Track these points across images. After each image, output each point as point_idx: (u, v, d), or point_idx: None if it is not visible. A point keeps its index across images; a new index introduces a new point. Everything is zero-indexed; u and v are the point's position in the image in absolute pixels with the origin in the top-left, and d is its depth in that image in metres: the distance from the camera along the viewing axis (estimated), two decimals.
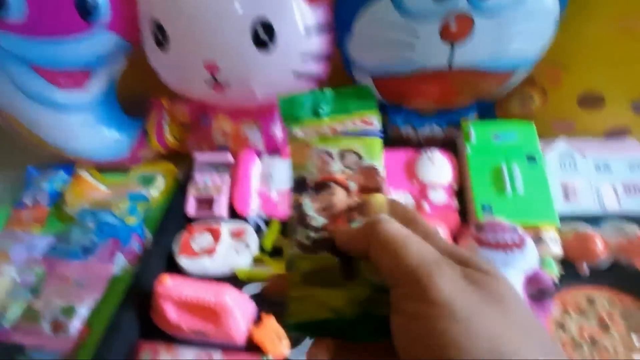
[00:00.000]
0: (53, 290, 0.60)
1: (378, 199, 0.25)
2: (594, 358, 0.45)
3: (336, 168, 0.26)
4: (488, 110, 0.67)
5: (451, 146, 0.65)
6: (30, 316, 0.57)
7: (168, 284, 0.52)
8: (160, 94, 0.74)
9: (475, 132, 0.61)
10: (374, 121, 0.27)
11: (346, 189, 0.25)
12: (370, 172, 0.26)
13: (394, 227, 0.20)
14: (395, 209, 0.23)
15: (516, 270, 0.50)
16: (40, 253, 0.65)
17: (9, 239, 0.67)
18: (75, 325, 0.55)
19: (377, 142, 0.27)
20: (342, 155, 0.26)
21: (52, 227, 0.70)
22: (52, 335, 0.55)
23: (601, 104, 0.59)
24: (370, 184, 0.26)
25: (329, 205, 0.25)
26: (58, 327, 0.55)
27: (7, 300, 0.60)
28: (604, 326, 0.48)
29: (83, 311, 0.56)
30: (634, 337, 0.46)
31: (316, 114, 0.27)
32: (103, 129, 0.71)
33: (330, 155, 0.26)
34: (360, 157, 0.26)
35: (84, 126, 0.69)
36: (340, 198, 0.25)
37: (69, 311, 0.56)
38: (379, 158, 0.27)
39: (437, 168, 0.61)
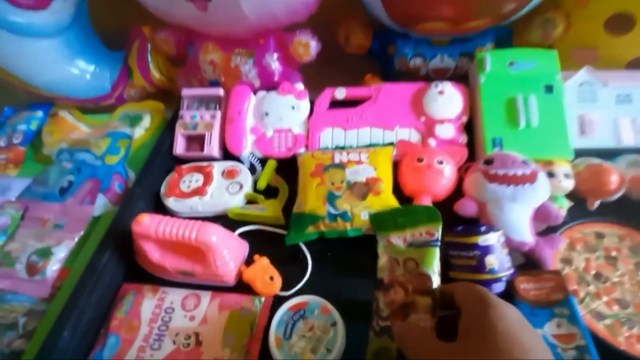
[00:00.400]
0: (29, 232, 0.56)
1: (426, 300, 0.34)
2: (599, 291, 0.42)
3: (399, 272, 0.37)
4: (505, 39, 0.60)
5: (463, 79, 0.59)
6: (4, 259, 0.53)
7: (145, 222, 0.47)
8: (142, 22, 0.67)
9: (491, 60, 0.55)
10: (435, 233, 0.38)
11: (405, 289, 0.35)
12: (422, 278, 0.35)
13: None
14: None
15: (524, 205, 0.45)
16: (15, 195, 0.61)
17: None
18: (53, 267, 0.51)
19: (433, 251, 0.37)
20: (405, 262, 0.37)
21: (29, 169, 0.65)
22: (27, 278, 0.51)
23: (630, 26, 0.53)
24: (422, 287, 0.35)
25: (391, 301, 0.35)
26: (34, 269, 0.51)
27: None
28: (611, 261, 0.45)
29: (61, 253, 0.52)
30: None
31: (396, 226, 0.39)
32: (78, 61, 0.65)
33: (397, 261, 0.37)
34: (417, 264, 0.36)
35: (54, 56, 0.62)
36: (400, 296, 0.35)
37: (45, 253, 0.52)
38: (432, 265, 0.36)
39: (446, 101, 0.55)
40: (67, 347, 0.43)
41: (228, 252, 0.47)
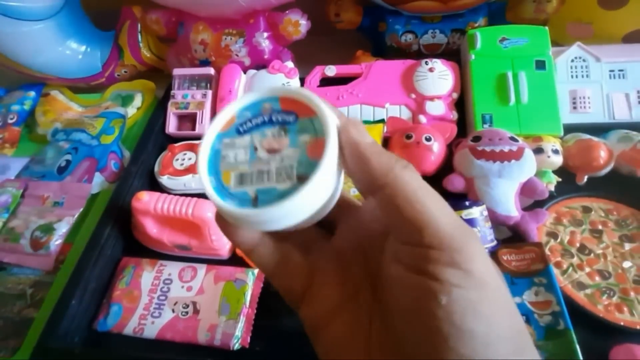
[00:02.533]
0: (30, 209, 0.57)
1: None
2: (582, 263, 0.43)
3: None
4: (498, 14, 0.60)
5: (455, 56, 0.59)
6: (8, 235, 0.55)
7: (144, 198, 0.49)
8: (132, 3, 0.66)
9: (482, 37, 0.55)
10: None
11: None
12: None
13: (422, 181, 0.18)
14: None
15: (510, 180, 0.47)
16: (14, 174, 0.62)
17: None
18: (55, 242, 0.53)
19: None
20: None
21: (25, 148, 0.66)
22: (32, 253, 0.53)
23: (625, 0, 0.52)
24: None
25: None
26: (38, 244, 0.53)
27: None
28: (596, 234, 0.46)
29: (62, 229, 0.54)
30: (626, 245, 0.44)
31: None
32: (70, 42, 0.65)
33: None
34: None
35: (47, 38, 0.62)
36: None
37: (48, 229, 0.54)
38: None
39: (437, 78, 0.55)
40: (74, 315, 0.46)
41: None
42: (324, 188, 0.19)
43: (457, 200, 0.45)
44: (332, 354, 0.20)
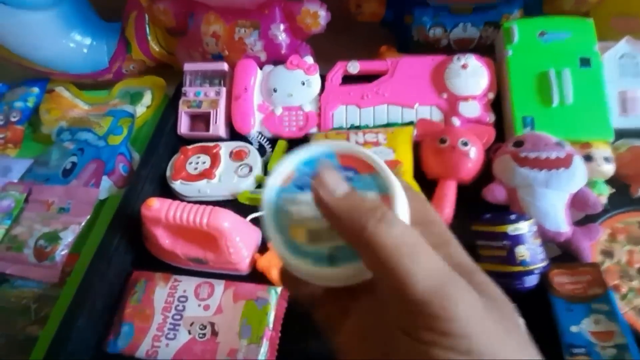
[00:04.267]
0: (34, 216, 0.54)
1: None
2: None
3: None
4: (534, 6, 0.55)
5: (488, 51, 0.54)
6: (11, 243, 0.52)
7: (155, 206, 0.45)
8: None
9: (519, 31, 0.50)
10: None
11: None
12: None
13: (399, 232, 0.17)
14: (414, 198, 0.20)
15: (559, 191, 0.42)
16: (17, 177, 0.58)
17: None
18: (61, 252, 0.50)
19: None
20: None
21: (28, 149, 0.63)
22: (36, 263, 0.50)
23: None
24: None
25: None
26: (43, 254, 0.50)
27: None
28: None
29: (68, 238, 0.51)
30: None
31: None
32: (74, 34, 0.61)
33: None
34: None
35: (50, 29, 0.58)
36: None
37: (53, 238, 0.51)
38: None
39: (471, 76, 0.51)
40: (81, 334, 0.43)
41: (241, 238, 0.45)
42: None
43: (502, 213, 0.41)
44: None
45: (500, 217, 0.40)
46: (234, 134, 0.57)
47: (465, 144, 0.46)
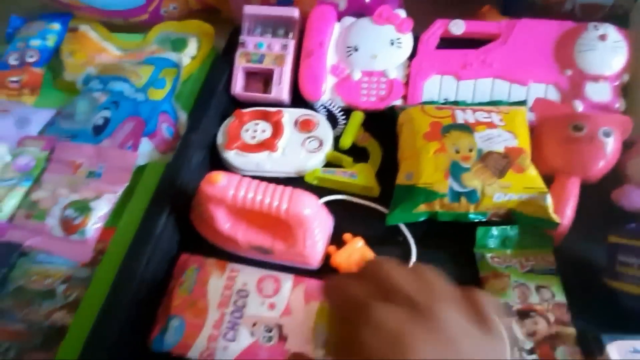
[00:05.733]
0: (58, 179, 0.45)
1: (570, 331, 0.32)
2: None
3: (535, 300, 0.35)
4: None
5: (621, 22, 0.44)
6: (31, 210, 0.43)
7: (221, 183, 0.36)
8: None
9: None
10: (552, 260, 0.37)
11: (546, 319, 0.34)
12: (562, 308, 0.34)
13: None
14: None
15: None
16: (36, 130, 0.49)
17: None
18: (94, 226, 0.42)
19: (558, 280, 0.36)
20: (538, 289, 0.35)
21: (48, 97, 0.53)
22: (63, 237, 0.42)
23: None
24: (564, 318, 0.34)
25: (534, 332, 0.33)
26: (71, 227, 0.42)
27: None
28: None
29: (103, 209, 0.42)
30: None
31: (504, 245, 0.38)
32: None
33: (528, 288, 0.35)
34: (553, 294, 0.35)
35: None
36: (542, 327, 0.33)
37: (84, 208, 0.42)
38: (563, 294, 0.35)
39: (609, 51, 0.41)
40: (122, 329, 0.35)
41: (320, 229, 0.37)
42: None
43: None
44: None
45: None
46: (296, 100, 0.48)
47: (608, 134, 0.37)
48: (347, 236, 0.40)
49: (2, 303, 0.39)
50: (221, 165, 0.46)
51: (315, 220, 0.36)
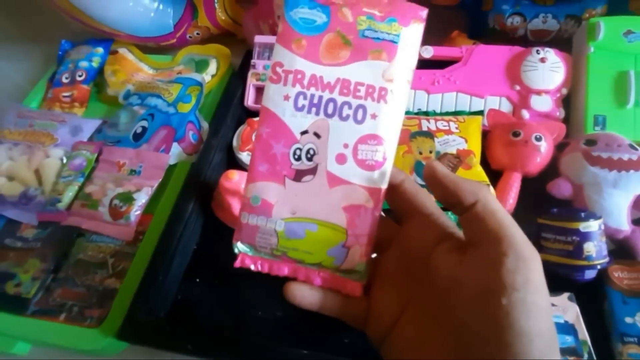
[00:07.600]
0: (106, 176, 0.56)
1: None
2: None
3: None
4: (620, 4, 0.54)
5: (563, 44, 0.54)
6: (86, 200, 0.55)
7: (235, 178, 0.47)
8: None
9: (605, 28, 0.50)
10: None
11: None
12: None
13: (500, 205, 0.23)
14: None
15: (626, 192, 0.44)
16: (86, 137, 0.61)
17: (51, 119, 0.62)
18: (135, 212, 0.53)
19: None
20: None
21: (94, 109, 0.64)
22: (111, 222, 0.53)
23: None
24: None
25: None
26: (118, 213, 0.53)
27: (59, 182, 0.57)
28: None
29: (142, 199, 0.53)
30: None
31: None
32: None
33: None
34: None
35: None
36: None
37: (128, 198, 0.53)
38: None
39: (548, 70, 0.51)
40: (161, 290, 0.46)
41: None
42: None
43: (572, 210, 0.42)
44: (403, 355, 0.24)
45: (572, 214, 0.41)
46: None
47: (539, 139, 0.46)
48: None
49: (67, 272, 0.51)
50: (236, 164, 0.56)
51: None
